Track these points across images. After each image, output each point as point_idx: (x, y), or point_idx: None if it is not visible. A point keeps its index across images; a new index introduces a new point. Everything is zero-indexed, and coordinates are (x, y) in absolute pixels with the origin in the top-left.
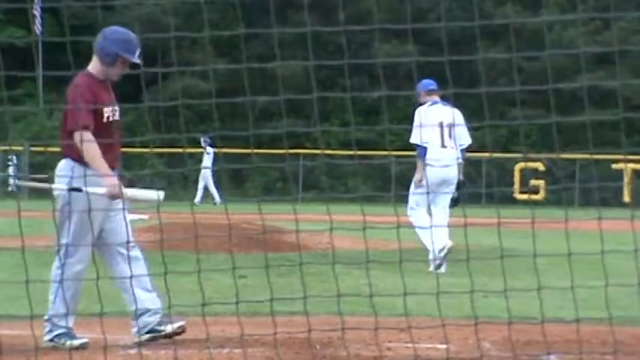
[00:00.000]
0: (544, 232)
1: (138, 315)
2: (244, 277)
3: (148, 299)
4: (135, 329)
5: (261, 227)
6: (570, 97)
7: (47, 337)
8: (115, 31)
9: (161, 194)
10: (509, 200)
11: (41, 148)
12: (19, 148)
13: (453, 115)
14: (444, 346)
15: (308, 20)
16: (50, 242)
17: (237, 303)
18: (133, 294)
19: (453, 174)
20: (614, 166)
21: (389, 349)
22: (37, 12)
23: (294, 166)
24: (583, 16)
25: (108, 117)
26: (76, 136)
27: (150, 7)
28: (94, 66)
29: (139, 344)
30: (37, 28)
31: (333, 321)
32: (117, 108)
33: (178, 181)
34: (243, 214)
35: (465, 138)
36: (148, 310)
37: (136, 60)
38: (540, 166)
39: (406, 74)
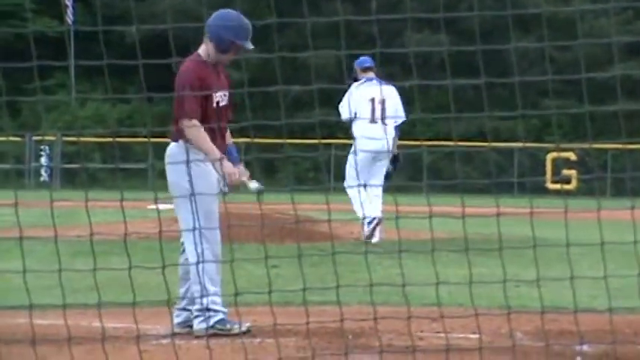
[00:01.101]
0: (576, 221)
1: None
2: (277, 267)
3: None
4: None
5: (294, 217)
6: (602, 87)
7: (203, 326)
8: (229, 16)
9: (260, 188)
10: (542, 190)
11: (74, 138)
12: (52, 138)
13: (381, 91)
14: (476, 336)
15: (340, 9)
16: (82, 232)
17: (269, 292)
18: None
19: (384, 148)
20: None
21: (421, 338)
22: (68, 2)
23: (326, 155)
24: (615, 5)
25: (217, 102)
26: (183, 123)
27: None
28: (205, 50)
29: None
30: (69, 17)
31: (365, 311)
32: (227, 93)
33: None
34: (275, 203)
35: (399, 114)
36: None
37: (250, 46)
38: (572, 156)
39: (438, 64)
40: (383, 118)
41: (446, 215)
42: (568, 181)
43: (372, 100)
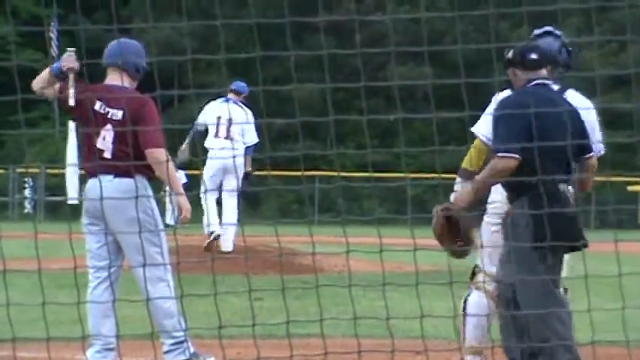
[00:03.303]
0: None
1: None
2: (260, 299)
3: None
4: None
5: (277, 250)
6: None
7: (182, 358)
8: (131, 44)
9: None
10: None
11: (57, 171)
12: (36, 170)
13: (233, 111)
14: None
15: (324, 42)
16: (65, 265)
17: (253, 325)
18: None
19: (231, 163)
20: (629, 188)
21: None
22: (53, 35)
23: (310, 188)
24: (599, 38)
25: None
26: (155, 153)
27: (166, 30)
28: (125, 81)
29: None
30: (54, 50)
31: (349, 344)
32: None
33: (192, 204)
34: (258, 236)
35: (250, 136)
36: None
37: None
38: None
39: (422, 96)
40: (227, 136)
41: (430, 248)
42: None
43: (219, 118)
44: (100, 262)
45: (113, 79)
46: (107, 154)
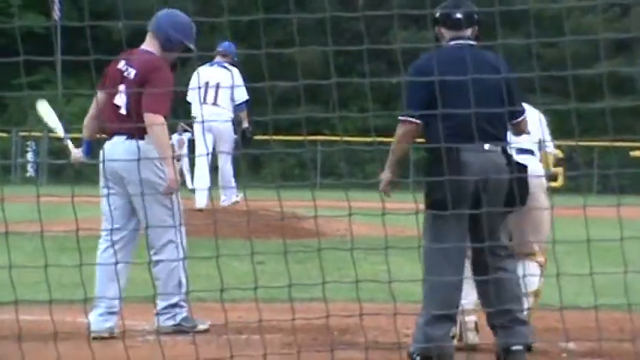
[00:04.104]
0: (562, 218)
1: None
2: (262, 263)
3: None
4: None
5: (279, 214)
6: (588, 84)
7: (171, 322)
8: (176, 16)
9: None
10: None
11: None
12: (38, 134)
13: (225, 75)
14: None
15: (327, 6)
16: (68, 228)
17: (255, 288)
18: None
19: (216, 127)
20: (632, 153)
21: (407, 335)
22: None
23: (312, 152)
24: (602, 1)
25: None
26: (149, 117)
27: None
28: (153, 48)
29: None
30: (56, 13)
31: (350, 307)
32: None
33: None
34: (260, 200)
35: (239, 94)
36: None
37: (193, 47)
38: (559, 154)
39: None
40: (214, 102)
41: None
42: (554, 178)
43: (206, 84)
44: (112, 225)
45: (146, 43)
46: (122, 111)
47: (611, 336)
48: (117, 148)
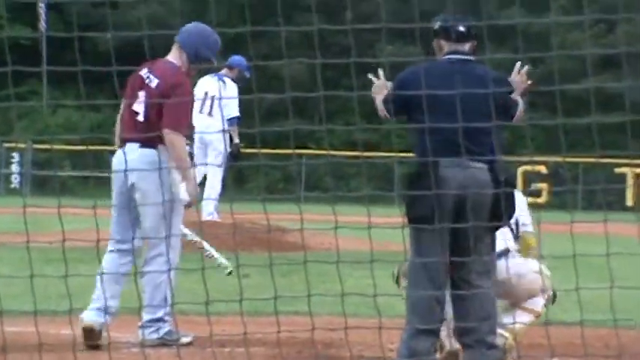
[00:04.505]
0: (548, 234)
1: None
2: (247, 276)
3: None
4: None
5: (264, 226)
6: (575, 100)
7: (154, 336)
8: (206, 32)
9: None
10: None
11: (47, 146)
12: (23, 145)
13: (219, 87)
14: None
15: (315, 18)
16: (53, 239)
17: (240, 301)
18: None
19: (208, 139)
20: (616, 170)
21: (392, 350)
22: (42, 10)
23: (297, 166)
24: (590, 17)
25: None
26: (169, 135)
27: (154, 7)
28: (177, 59)
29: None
30: (42, 25)
31: (335, 321)
32: None
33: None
34: (245, 213)
35: (229, 110)
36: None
37: (215, 61)
38: (543, 169)
39: None
40: (210, 113)
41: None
42: (538, 194)
43: (205, 94)
44: (117, 233)
45: (172, 55)
46: (140, 118)
47: (597, 352)
48: (130, 155)
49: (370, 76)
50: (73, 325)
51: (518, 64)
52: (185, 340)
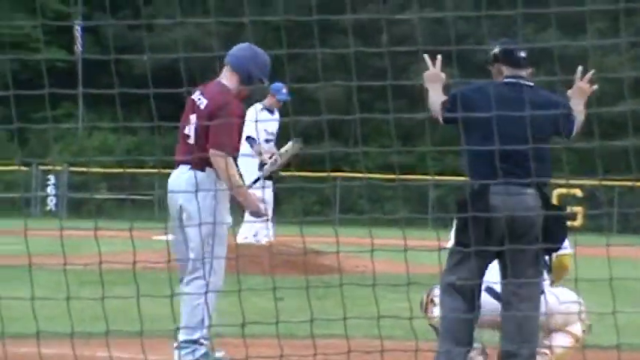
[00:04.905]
0: (583, 258)
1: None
2: (281, 299)
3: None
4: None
5: (299, 249)
6: (611, 123)
7: (190, 357)
8: (257, 53)
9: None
10: None
11: (80, 169)
12: (59, 167)
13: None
14: None
15: (352, 40)
16: (88, 261)
17: (277, 323)
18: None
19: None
20: None
21: None
22: (78, 32)
23: (333, 187)
24: (626, 40)
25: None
26: (215, 155)
27: (190, 30)
28: (230, 82)
29: None
30: (78, 48)
31: (370, 344)
32: None
33: None
34: (280, 235)
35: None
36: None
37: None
38: (579, 193)
39: None
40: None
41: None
42: (574, 217)
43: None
44: (180, 256)
45: (223, 76)
46: (191, 140)
47: None
48: (180, 179)
49: (426, 56)
50: (110, 347)
51: (580, 68)
52: (219, 355)
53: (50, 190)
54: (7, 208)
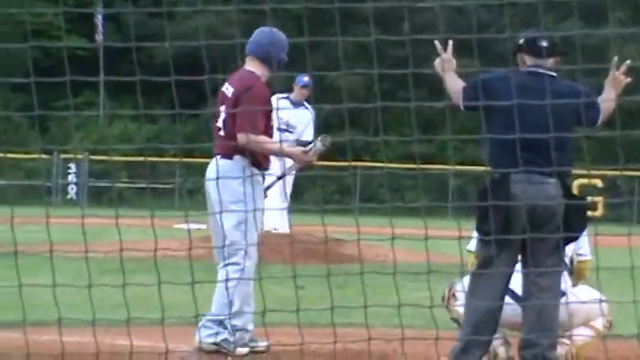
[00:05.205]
0: (604, 248)
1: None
2: (302, 287)
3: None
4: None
5: (320, 237)
6: (631, 113)
7: (211, 340)
8: (278, 35)
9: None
10: None
11: (103, 157)
12: (80, 156)
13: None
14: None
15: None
16: (108, 249)
17: (297, 311)
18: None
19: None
20: None
21: None
22: (99, 21)
23: (353, 177)
24: None
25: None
26: (240, 138)
27: (211, 18)
28: (257, 69)
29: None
30: (99, 36)
31: (390, 333)
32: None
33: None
34: (301, 225)
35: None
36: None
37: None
38: (599, 183)
39: None
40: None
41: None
42: (594, 207)
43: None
44: (217, 244)
45: (248, 65)
46: (222, 132)
47: None
48: (210, 169)
49: (437, 42)
50: (131, 335)
51: (616, 58)
52: (241, 350)
53: (71, 178)
54: (28, 196)
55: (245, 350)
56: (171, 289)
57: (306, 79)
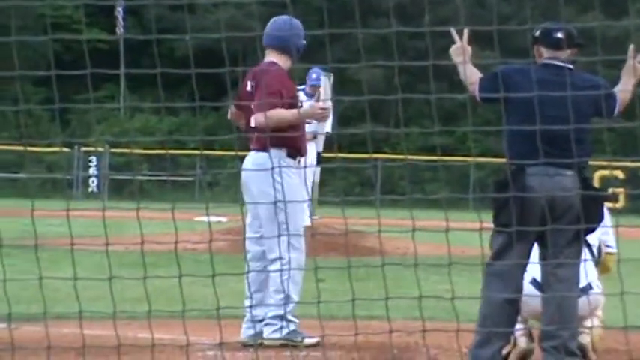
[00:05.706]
0: (625, 240)
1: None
2: (322, 280)
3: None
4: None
5: (341, 230)
6: None
7: (277, 335)
8: (292, 23)
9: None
10: None
11: (124, 150)
12: (100, 149)
13: None
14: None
15: (394, 21)
16: (128, 242)
17: (318, 303)
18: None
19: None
20: None
21: (466, 354)
22: (119, 14)
23: (374, 168)
24: None
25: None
26: (260, 117)
27: (231, 11)
28: (278, 60)
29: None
30: (120, 29)
31: (411, 325)
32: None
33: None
34: (321, 217)
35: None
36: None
37: None
38: (620, 175)
39: None
40: None
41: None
42: (615, 199)
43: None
44: (251, 236)
45: (269, 56)
46: (252, 125)
47: None
48: (246, 163)
49: (452, 31)
50: (152, 328)
51: (632, 47)
52: (309, 341)
53: (92, 171)
54: (49, 189)
55: (314, 340)
56: (192, 281)
57: (314, 75)
